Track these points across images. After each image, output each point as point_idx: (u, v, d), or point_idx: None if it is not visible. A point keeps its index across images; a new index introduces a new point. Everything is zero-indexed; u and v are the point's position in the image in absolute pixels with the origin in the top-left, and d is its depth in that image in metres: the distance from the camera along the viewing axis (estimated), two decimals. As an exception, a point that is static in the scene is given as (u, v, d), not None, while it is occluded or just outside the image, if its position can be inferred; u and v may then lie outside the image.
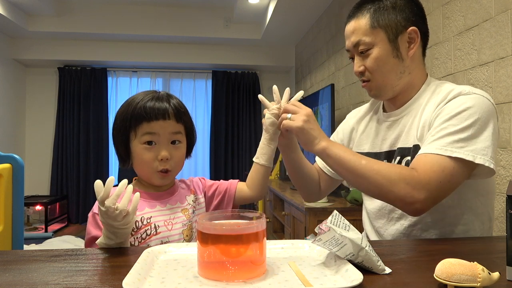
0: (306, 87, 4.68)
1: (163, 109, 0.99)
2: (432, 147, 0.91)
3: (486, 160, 0.88)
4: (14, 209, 1.39)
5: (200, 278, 0.64)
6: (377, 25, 1.02)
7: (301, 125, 0.96)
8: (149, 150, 0.98)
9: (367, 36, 1.02)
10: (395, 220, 1.06)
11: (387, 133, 1.12)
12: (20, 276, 0.66)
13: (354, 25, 1.05)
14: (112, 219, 0.79)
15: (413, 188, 0.87)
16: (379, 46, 1.02)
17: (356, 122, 1.25)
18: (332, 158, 0.95)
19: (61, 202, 5.04)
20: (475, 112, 0.91)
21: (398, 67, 1.04)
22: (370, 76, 1.06)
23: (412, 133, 1.04)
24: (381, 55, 1.02)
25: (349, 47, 1.08)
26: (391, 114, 1.12)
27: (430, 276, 0.62)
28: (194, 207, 1.08)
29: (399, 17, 1.02)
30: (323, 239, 0.66)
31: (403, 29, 1.02)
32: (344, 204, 2.50)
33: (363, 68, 1.06)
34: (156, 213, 1.00)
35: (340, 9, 3.49)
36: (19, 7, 4.34)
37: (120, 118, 1.01)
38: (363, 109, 1.27)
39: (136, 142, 0.99)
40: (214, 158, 5.45)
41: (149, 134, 0.98)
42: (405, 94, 1.08)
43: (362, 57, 1.05)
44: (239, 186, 1.14)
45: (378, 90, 1.07)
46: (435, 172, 0.88)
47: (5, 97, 4.78)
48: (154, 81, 5.49)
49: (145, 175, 1.02)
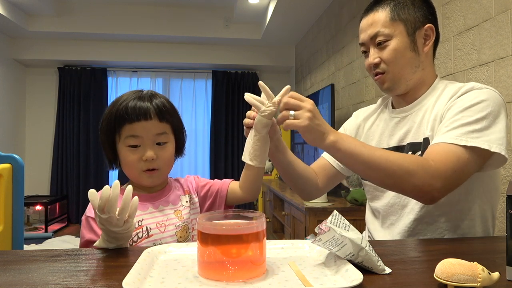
0: (306, 87, 4.68)
1: (144, 109, 0.96)
2: (446, 137, 0.92)
3: (502, 149, 0.91)
4: (14, 209, 1.39)
5: (200, 278, 0.64)
6: (397, 18, 1.04)
7: (307, 124, 0.87)
8: (134, 153, 0.97)
9: (386, 27, 1.05)
10: (405, 215, 1.07)
11: (395, 128, 1.13)
12: (20, 276, 0.66)
13: (372, 18, 1.07)
14: (114, 226, 0.78)
15: (431, 177, 0.87)
16: (397, 38, 1.04)
17: (363, 120, 1.26)
18: (343, 152, 0.91)
19: (61, 202, 5.04)
20: (488, 105, 0.94)
21: (414, 61, 1.06)
22: (386, 67, 1.07)
23: (422, 127, 1.05)
24: (399, 47, 1.04)
25: (365, 39, 1.09)
26: (400, 110, 1.13)
27: (430, 276, 0.62)
28: (190, 207, 1.06)
29: (418, 13, 1.06)
30: (323, 239, 0.66)
31: (420, 25, 1.06)
32: (344, 204, 2.50)
33: (379, 59, 1.07)
34: (148, 215, 0.99)
35: (340, 9, 3.49)
36: (19, 7, 4.34)
37: (105, 120, 1.00)
38: (372, 108, 1.27)
39: (121, 144, 0.98)
40: (214, 158, 5.44)
41: (133, 137, 0.96)
42: (416, 90, 1.10)
43: (378, 49, 1.07)
44: (231, 187, 1.10)
45: (392, 82, 1.08)
46: (451, 161, 0.89)
47: (5, 97, 4.78)
48: (154, 81, 5.50)
49: (133, 177, 1.01)
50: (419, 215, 1.03)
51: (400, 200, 1.08)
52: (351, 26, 3.23)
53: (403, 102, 1.13)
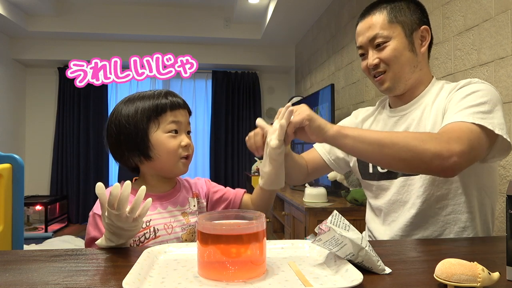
0: (306, 87, 4.68)
1: (180, 100, 1.04)
2: (456, 117, 0.94)
3: (504, 133, 0.92)
4: (14, 209, 1.39)
5: (200, 278, 0.64)
6: (395, 20, 1.08)
7: (309, 112, 0.91)
8: (175, 138, 1.01)
9: (384, 29, 1.07)
10: (407, 210, 1.08)
11: (393, 127, 1.15)
12: (20, 276, 0.66)
13: (370, 21, 1.10)
14: (123, 222, 0.78)
15: (447, 142, 0.87)
16: (396, 39, 1.07)
17: (361, 120, 1.28)
18: (351, 137, 0.91)
19: (61, 202, 5.04)
20: (487, 94, 0.97)
21: (412, 61, 1.09)
22: (386, 67, 1.09)
23: (422, 124, 1.07)
24: (398, 47, 1.07)
25: (363, 42, 1.11)
26: (398, 110, 1.16)
27: (430, 276, 0.62)
28: (197, 211, 1.07)
29: (414, 16, 1.10)
30: (323, 239, 0.66)
31: (417, 27, 1.10)
32: (344, 204, 2.50)
33: (378, 60, 1.09)
34: (156, 215, 0.99)
35: (340, 9, 3.49)
36: (19, 7, 4.34)
37: (133, 113, 0.99)
38: (370, 109, 1.30)
39: (159, 132, 1.00)
40: (214, 158, 5.44)
41: (174, 123, 1.01)
42: (414, 90, 1.12)
43: (377, 51, 1.09)
44: (244, 199, 1.13)
45: (392, 81, 1.10)
46: (464, 132, 0.89)
47: (5, 97, 4.78)
48: (154, 81, 5.49)
49: (169, 165, 1.01)
50: (420, 209, 1.05)
51: (401, 196, 1.10)
52: (351, 26, 3.23)
53: (399, 102, 1.16)
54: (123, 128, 1.00)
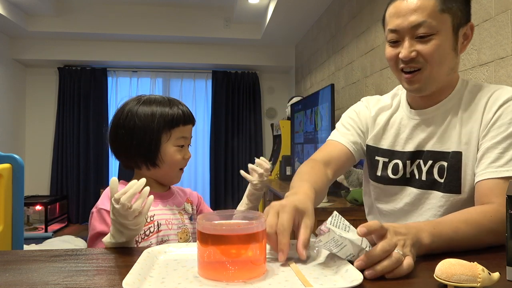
0: (306, 87, 4.69)
1: (190, 113, 1.08)
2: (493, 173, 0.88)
3: None
4: (14, 209, 1.39)
5: (200, 278, 0.64)
6: (446, 10, 0.89)
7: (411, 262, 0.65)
8: (180, 152, 1.06)
9: (434, 19, 0.88)
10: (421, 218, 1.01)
11: (413, 132, 1.03)
12: (20, 276, 0.66)
13: (418, 2, 0.89)
14: (123, 217, 0.78)
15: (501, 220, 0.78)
16: (443, 33, 0.90)
17: (376, 112, 1.12)
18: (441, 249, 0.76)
19: (61, 202, 5.04)
20: None
21: (452, 62, 0.95)
22: (423, 64, 0.92)
23: (448, 137, 0.97)
24: (444, 44, 0.90)
25: (403, 26, 0.91)
26: (421, 112, 1.02)
27: (430, 276, 0.62)
28: (192, 215, 1.14)
29: (465, 8, 0.94)
30: (323, 240, 0.66)
31: (465, 21, 0.94)
32: (344, 204, 2.50)
33: (416, 53, 0.91)
34: (159, 211, 1.05)
35: (340, 9, 3.49)
36: (19, 7, 4.34)
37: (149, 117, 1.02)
38: (382, 101, 1.14)
39: (169, 144, 1.04)
40: (214, 158, 5.44)
41: (184, 138, 1.06)
42: (441, 92, 0.99)
43: (417, 41, 0.91)
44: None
45: (426, 82, 0.94)
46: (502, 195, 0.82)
47: (5, 97, 4.78)
48: (154, 81, 5.50)
49: (170, 174, 1.08)
50: (437, 216, 0.98)
51: (416, 208, 1.02)
52: (351, 26, 3.23)
53: (422, 103, 1.02)
54: (137, 131, 1.02)
